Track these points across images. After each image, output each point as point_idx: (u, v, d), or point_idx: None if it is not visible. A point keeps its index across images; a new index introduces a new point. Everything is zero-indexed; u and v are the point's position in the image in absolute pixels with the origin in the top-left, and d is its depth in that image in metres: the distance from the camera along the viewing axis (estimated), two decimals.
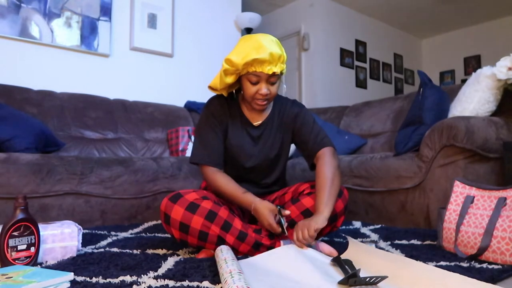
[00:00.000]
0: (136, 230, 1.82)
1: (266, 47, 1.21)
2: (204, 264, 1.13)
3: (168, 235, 1.67)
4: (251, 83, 1.27)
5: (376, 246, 1.37)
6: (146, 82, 3.19)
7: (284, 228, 1.21)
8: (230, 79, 1.28)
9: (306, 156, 1.43)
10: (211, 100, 1.41)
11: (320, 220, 1.18)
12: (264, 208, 1.24)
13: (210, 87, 1.35)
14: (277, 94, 1.37)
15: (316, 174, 1.31)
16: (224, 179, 1.32)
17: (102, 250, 1.37)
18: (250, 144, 1.41)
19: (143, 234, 1.71)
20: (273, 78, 1.27)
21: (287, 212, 1.25)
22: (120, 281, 0.98)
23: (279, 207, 1.25)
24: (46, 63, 2.72)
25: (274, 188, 1.51)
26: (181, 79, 3.40)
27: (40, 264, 1.19)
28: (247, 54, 1.21)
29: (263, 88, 1.27)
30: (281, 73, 1.29)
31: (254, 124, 1.41)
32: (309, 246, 1.21)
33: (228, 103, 1.41)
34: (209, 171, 1.34)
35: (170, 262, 1.17)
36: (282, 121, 1.44)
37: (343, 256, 1.16)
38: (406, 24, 5.93)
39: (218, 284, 0.95)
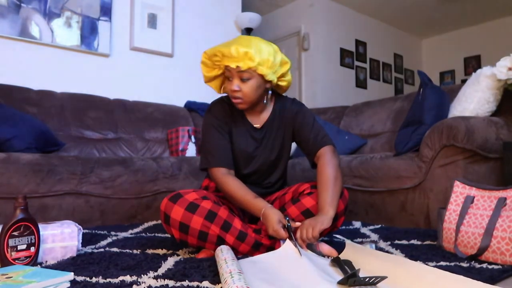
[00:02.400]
0: (136, 230, 1.82)
1: (235, 43, 1.23)
2: (204, 264, 1.13)
3: (168, 235, 1.67)
4: (228, 79, 1.30)
5: (376, 247, 1.37)
6: (146, 82, 3.19)
7: (293, 236, 1.18)
8: (209, 73, 1.33)
9: (306, 155, 1.43)
10: (213, 104, 1.42)
11: (325, 221, 1.18)
12: (274, 214, 1.21)
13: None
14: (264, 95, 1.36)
15: (318, 173, 1.32)
16: (235, 183, 1.29)
17: (102, 250, 1.37)
18: (253, 146, 1.41)
19: (143, 234, 1.71)
20: (242, 74, 1.25)
21: (298, 223, 1.23)
22: (120, 281, 0.98)
23: (288, 218, 1.23)
24: (46, 63, 2.72)
25: (276, 187, 1.51)
26: (181, 79, 3.40)
27: (40, 264, 1.19)
28: (216, 46, 1.26)
29: (233, 84, 1.28)
30: (256, 71, 1.25)
31: (255, 126, 1.42)
32: (309, 245, 1.21)
33: (229, 107, 1.41)
34: (219, 173, 1.32)
35: (170, 262, 1.17)
36: (283, 121, 1.44)
37: (341, 257, 1.16)
38: (406, 24, 5.93)
39: (218, 284, 0.95)
